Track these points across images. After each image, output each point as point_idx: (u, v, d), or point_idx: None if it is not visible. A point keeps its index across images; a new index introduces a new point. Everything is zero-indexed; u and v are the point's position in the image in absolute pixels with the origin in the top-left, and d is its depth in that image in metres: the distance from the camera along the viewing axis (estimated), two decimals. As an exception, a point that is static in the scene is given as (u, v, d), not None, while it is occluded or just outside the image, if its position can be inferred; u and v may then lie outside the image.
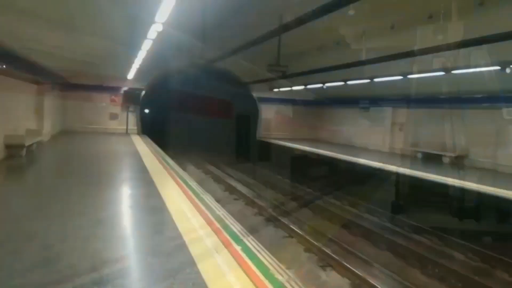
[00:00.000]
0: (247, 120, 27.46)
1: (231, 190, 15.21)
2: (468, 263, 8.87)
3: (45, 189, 8.59)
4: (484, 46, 9.00)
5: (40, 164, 12.29)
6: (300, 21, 7.14)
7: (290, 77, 16.77)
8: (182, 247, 4.92)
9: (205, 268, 4.30)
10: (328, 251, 8.66)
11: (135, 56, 15.77)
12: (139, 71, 19.97)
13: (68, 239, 5.03)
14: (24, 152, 11.93)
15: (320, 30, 14.71)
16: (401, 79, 14.40)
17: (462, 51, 9.37)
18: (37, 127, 15.29)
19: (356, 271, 7.65)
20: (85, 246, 4.78)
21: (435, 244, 9.93)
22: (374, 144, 20.38)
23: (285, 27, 8.22)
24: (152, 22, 8.76)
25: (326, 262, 8.35)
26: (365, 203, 13.53)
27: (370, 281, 7.27)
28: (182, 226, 5.77)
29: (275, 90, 24.09)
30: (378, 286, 7.08)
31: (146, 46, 12.66)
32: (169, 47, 16.93)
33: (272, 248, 5.64)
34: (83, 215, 6.17)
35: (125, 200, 7.81)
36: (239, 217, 6.75)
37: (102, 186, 8.63)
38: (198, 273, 4.17)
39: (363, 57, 11.80)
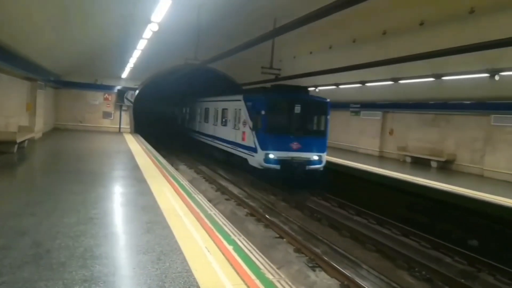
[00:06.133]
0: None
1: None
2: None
3: (36, 186, 8.58)
4: (474, 54, 9.18)
5: (31, 161, 12.23)
6: (294, 25, 7.24)
7: (283, 79, 16.88)
8: (173, 245, 4.97)
9: (196, 266, 4.36)
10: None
11: (130, 55, 15.78)
12: (134, 70, 19.97)
13: (58, 236, 5.05)
14: (15, 148, 11.87)
15: (314, 34, 14.87)
16: (392, 84, 14.60)
17: (452, 58, 9.54)
18: (29, 124, 15.21)
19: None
20: (75, 244, 4.81)
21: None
22: (364, 147, 20.57)
23: (279, 30, 8.32)
24: (148, 21, 8.80)
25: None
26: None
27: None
28: (173, 225, 5.82)
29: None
30: None
31: (141, 46, 12.69)
32: (163, 47, 16.96)
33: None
34: (74, 212, 6.18)
35: (117, 198, 7.82)
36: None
37: (93, 184, 8.62)
38: (189, 271, 4.22)
39: (356, 61, 11.94)
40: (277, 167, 13.96)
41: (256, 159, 14.43)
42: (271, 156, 14.01)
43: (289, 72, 16.64)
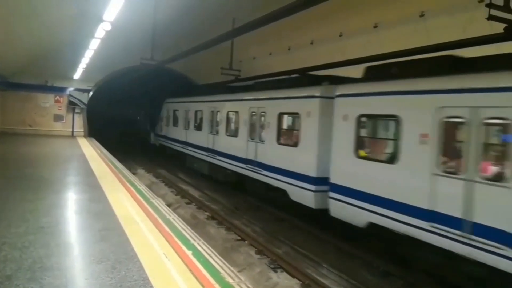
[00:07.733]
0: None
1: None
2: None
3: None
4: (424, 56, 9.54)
5: (-26, 168, 11.44)
6: (252, 26, 7.22)
7: (243, 81, 16.84)
8: (129, 253, 4.79)
9: (154, 274, 4.21)
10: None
11: (82, 55, 15.20)
12: (87, 71, 19.23)
13: (4, 247, 4.72)
14: (-45, 155, 11.06)
15: (273, 36, 14.98)
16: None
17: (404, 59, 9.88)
18: (-30, 128, 14.26)
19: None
20: (23, 255, 4.51)
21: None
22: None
23: (238, 31, 8.27)
24: (100, 20, 8.49)
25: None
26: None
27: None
28: (130, 232, 5.61)
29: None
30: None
31: (93, 45, 12.26)
32: (118, 47, 16.45)
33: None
34: (23, 221, 5.82)
35: (70, 205, 7.48)
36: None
37: (44, 190, 8.19)
38: (146, 279, 4.07)
39: (314, 62, 12.12)
40: None
41: None
42: None
43: (249, 73, 16.63)
